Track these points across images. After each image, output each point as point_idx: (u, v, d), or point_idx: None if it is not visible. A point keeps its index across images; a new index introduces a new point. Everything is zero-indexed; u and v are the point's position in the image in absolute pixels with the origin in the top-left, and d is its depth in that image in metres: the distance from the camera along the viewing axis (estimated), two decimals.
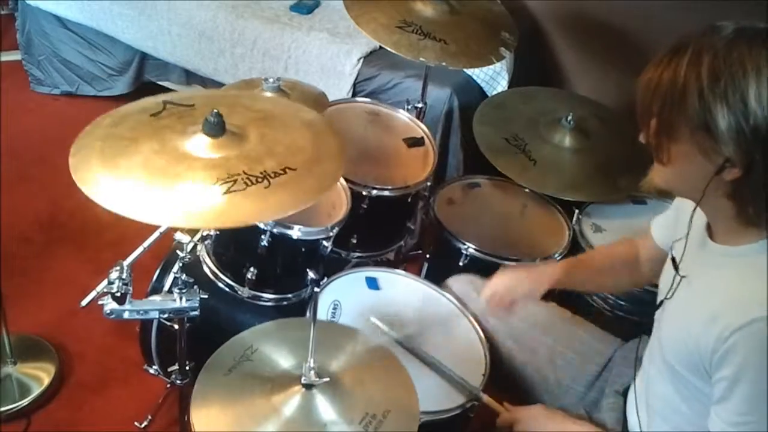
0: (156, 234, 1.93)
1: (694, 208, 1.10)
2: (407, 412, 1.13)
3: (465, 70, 2.50)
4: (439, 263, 1.92)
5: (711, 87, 0.94)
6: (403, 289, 1.65)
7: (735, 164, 0.97)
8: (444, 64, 1.88)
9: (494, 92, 2.54)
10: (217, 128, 1.21)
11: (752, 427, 1.00)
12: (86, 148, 1.18)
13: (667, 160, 1.04)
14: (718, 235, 1.10)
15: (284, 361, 1.18)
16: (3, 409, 1.86)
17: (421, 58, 1.86)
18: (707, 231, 1.13)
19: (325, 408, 1.10)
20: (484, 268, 1.76)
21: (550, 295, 1.60)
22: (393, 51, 1.86)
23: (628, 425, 1.31)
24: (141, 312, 1.29)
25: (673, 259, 1.19)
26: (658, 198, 2.04)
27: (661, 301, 1.20)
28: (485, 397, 1.41)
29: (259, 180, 1.17)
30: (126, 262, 1.25)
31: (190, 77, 2.93)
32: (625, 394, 1.37)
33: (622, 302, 1.81)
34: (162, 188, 1.12)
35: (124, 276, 1.23)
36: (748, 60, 0.93)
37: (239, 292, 1.62)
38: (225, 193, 1.13)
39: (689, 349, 1.07)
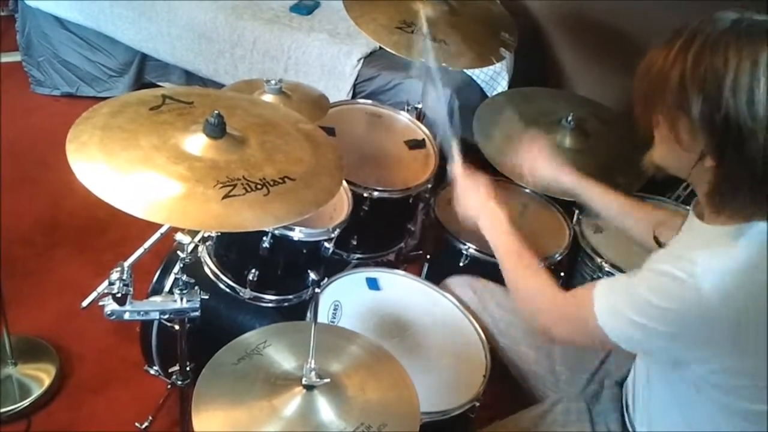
0: (156, 235, 1.94)
1: (682, 186, 1.12)
2: (405, 429, 1.12)
3: (465, 70, 2.50)
4: (439, 263, 1.92)
5: (691, 73, 0.95)
6: (404, 290, 1.66)
7: (709, 154, 0.99)
8: (444, 65, 1.88)
9: (494, 92, 2.54)
10: (217, 130, 1.21)
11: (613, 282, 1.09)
12: (85, 135, 1.17)
13: (658, 141, 1.07)
14: (702, 214, 1.12)
15: (292, 360, 1.17)
16: (3, 410, 1.86)
17: (421, 59, 1.86)
18: (694, 209, 1.15)
19: (323, 412, 1.09)
20: (484, 269, 1.76)
21: None
22: (393, 52, 1.87)
23: (624, 414, 1.33)
24: (141, 313, 1.29)
25: (655, 238, 1.24)
26: (657, 197, 2.04)
27: None
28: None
29: (259, 187, 1.17)
30: (126, 263, 1.24)
31: (191, 78, 2.94)
32: (622, 384, 1.38)
33: None
34: (161, 186, 1.12)
35: (124, 277, 1.23)
36: (732, 51, 0.94)
37: (240, 294, 1.62)
38: (224, 197, 1.13)
39: None
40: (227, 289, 1.63)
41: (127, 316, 1.27)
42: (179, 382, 1.56)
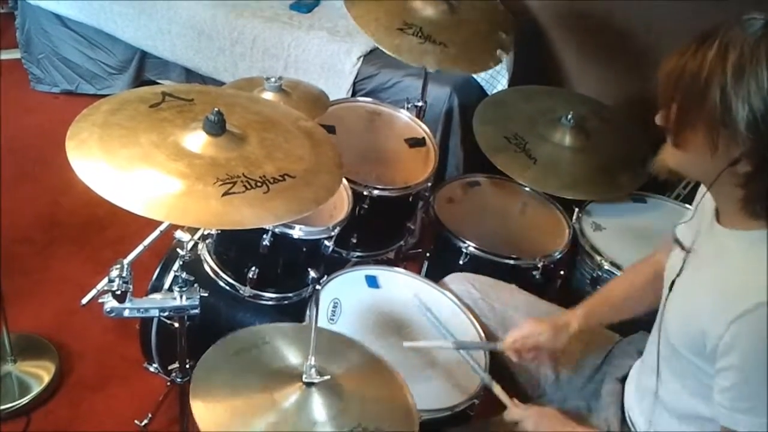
0: (156, 232, 1.93)
1: (703, 190, 1.10)
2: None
3: None
4: (439, 262, 1.92)
5: (733, 84, 0.94)
6: (403, 288, 1.65)
7: (748, 159, 0.98)
8: (443, 70, 1.90)
9: (494, 91, 2.54)
10: (217, 127, 1.21)
11: (755, 414, 1.00)
12: (85, 132, 1.18)
13: (683, 146, 1.05)
14: (725, 220, 1.11)
15: (291, 358, 1.18)
16: (3, 407, 1.86)
17: (423, 63, 1.87)
18: (715, 214, 1.13)
19: (320, 409, 1.10)
20: (484, 267, 1.76)
21: (548, 294, 1.61)
22: (395, 56, 1.88)
23: (624, 411, 1.33)
24: (141, 310, 1.29)
25: (678, 241, 1.20)
26: (657, 196, 2.04)
27: (673, 281, 1.20)
28: (496, 388, 1.38)
29: (259, 184, 1.17)
30: (126, 261, 1.24)
31: (190, 76, 2.93)
32: (623, 381, 1.38)
33: None
34: (161, 183, 1.12)
35: (124, 274, 1.23)
36: None
37: (240, 291, 1.62)
38: (224, 194, 1.13)
39: (695, 330, 1.08)
40: (227, 287, 1.63)
41: (126, 313, 1.27)
42: (179, 380, 1.56)
